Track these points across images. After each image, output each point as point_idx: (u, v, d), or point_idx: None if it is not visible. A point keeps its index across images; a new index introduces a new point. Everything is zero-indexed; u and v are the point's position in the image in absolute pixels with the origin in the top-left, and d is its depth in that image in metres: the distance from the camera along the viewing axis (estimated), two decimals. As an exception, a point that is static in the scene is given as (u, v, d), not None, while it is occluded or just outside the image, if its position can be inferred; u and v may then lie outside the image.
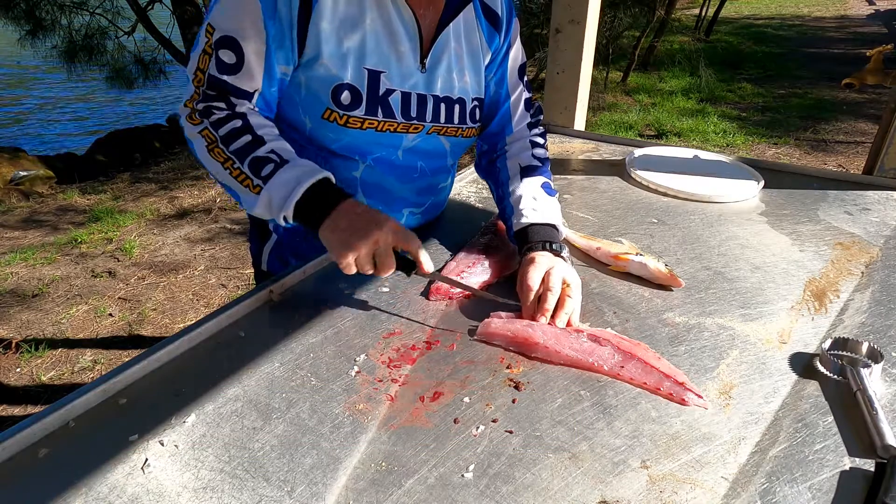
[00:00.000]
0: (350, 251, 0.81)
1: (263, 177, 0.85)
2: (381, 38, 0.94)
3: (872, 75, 7.72)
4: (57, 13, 6.20)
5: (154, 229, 3.90)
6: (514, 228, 1.02)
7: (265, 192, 0.85)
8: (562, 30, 1.83)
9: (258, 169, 0.86)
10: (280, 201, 0.84)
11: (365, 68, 0.94)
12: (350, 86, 0.93)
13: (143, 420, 0.69)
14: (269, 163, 0.86)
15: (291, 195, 0.84)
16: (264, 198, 0.85)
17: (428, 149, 1.06)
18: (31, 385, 2.45)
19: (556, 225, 1.01)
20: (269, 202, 0.85)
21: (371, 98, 0.95)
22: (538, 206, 1.02)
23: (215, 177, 0.91)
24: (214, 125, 0.89)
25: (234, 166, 0.87)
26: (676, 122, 5.78)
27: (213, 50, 0.89)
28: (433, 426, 0.69)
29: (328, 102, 0.94)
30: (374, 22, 0.93)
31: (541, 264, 0.91)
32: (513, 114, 1.13)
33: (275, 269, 1.18)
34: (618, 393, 0.75)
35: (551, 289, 0.87)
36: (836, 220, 1.24)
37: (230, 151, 0.87)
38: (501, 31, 1.08)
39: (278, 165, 0.86)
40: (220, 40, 0.88)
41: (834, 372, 0.78)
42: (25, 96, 10.33)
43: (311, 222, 0.85)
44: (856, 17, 13.82)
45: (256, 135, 0.88)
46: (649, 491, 0.61)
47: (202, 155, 0.90)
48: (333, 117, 0.95)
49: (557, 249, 0.95)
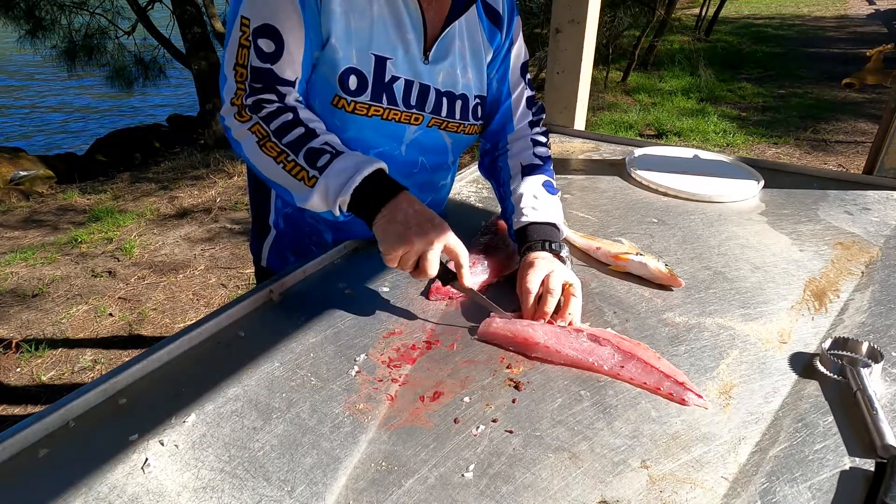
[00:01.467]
0: (403, 246, 0.81)
1: (319, 167, 0.85)
2: (388, 25, 0.95)
3: (872, 75, 7.70)
4: (57, 13, 6.20)
5: (154, 229, 3.90)
6: (515, 227, 1.02)
7: (322, 181, 0.85)
8: (562, 30, 1.83)
9: (314, 160, 0.86)
10: (337, 188, 0.84)
11: (372, 53, 0.94)
12: (357, 70, 0.94)
13: (143, 420, 0.69)
14: (324, 153, 0.86)
15: (349, 182, 0.83)
16: (320, 187, 0.85)
17: (429, 143, 1.07)
18: (31, 385, 2.45)
19: (557, 224, 1.01)
20: (325, 191, 0.85)
21: (376, 83, 0.95)
22: (538, 205, 1.02)
23: (263, 174, 0.90)
24: (265, 119, 0.88)
25: (287, 159, 0.87)
26: (676, 122, 5.78)
27: (251, 41, 0.88)
28: (433, 426, 0.69)
29: (336, 88, 0.94)
30: (381, 9, 0.94)
31: (540, 267, 0.91)
32: (514, 112, 1.13)
33: (274, 265, 1.18)
34: (618, 393, 0.75)
35: (551, 291, 0.87)
36: (836, 219, 1.24)
37: (283, 144, 0.87)
38: (503, 29, 1.08)
39: (334, 156, 0.86)
40: (258, 29, 0.88)
41: (834, 372, 0.78)
42: (25, 96, 10.33)
43: (367, 212, 0.85)
44: (856, 17, 13.82)
45: (308, 127, 0.88)
46: (649, 491, 0.61)
47: (252, 152, 0.89)
48: (342, 104, 0.95)
49: (557, 249, 0.95)
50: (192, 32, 5.88)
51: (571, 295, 0.88)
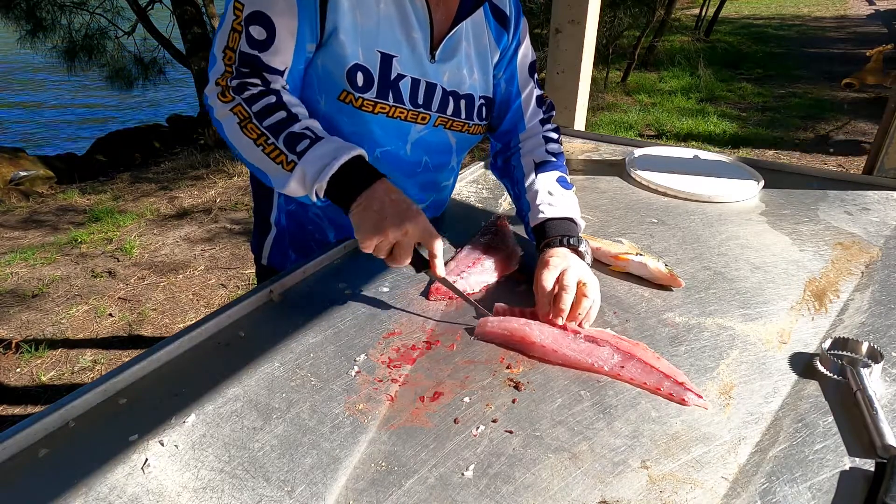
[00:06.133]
0: (377, 235, 0.82)
1: (298, 152, 0.85)
2: (394, 23, 0.95)
3: (872, 75, 7.70)
4: (57, 13, 6.21)
5: (154, 229, 3.90)
6: (532, 224, 1.01)
7: (300, 166, 0.85)
8: (562, 30, 1.83)
9: (293, 145, 0.86)
10: (314, 175, 0.84)
11: (378, 51, 0.94)
12: (363, 67, 0.94)
13: (143, 420, 0.69)
14: (304, 139, 0.86)
15: (327, 169, 0.83)
16: (298, 173, 0.85)
17: (434, 142, 1.07)
18: (31, 385, 2.45)
19: (574, 218, 1.01)
20: (303, 176, 0.85)
21: (382, 81, 0.96)
22: (554, 201, 1.02)
23: (242, 155, 0.90)
24: (248, 101, 0.88)
25: (267, 142, 0.87)
26: (676, 122, 5.78)
27: (243, 26, 0.88)
28: (433, 426, 0.69)
29: (344, 84, 0.94)
30: (388, 7, 0.94)
31: (555, 264, 0.90)
32: (524, 111, 1.14)
33: (275, 264, 1.18)
34: (618, 393, 0.75)
35: (566, 288, 0.86)
36: (836, 220, 1.24)
37: (264, 127, 0.87)
38: (510, 31, 1.09)
39: (313, 141, 0.86)
40: (251, 16, 0.88)
41: (834, 372, 0.78)
42: (26, 96, 10.33)
43: (344, 199, 0.85)
44: (856, 17, 13.82)
45: (290, 112, 0.88)
46: (649, 491, 0.61)
47: (232, 132, 0.89)
48: (349, 99, 0.95)
49: (575, 244, 0.95)
50: (192, 32, 5.89)
51: (583, 295, 0.86)
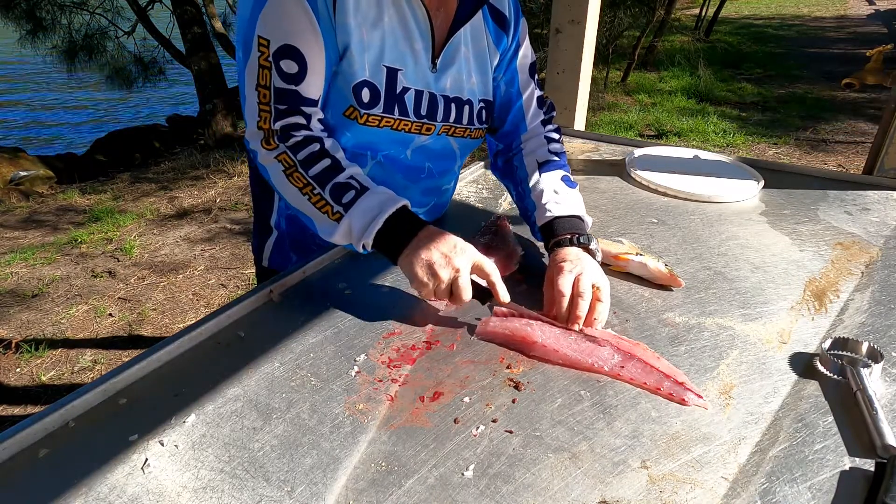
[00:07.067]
0: (431, 280, 0.83)
1: (344, 204, 0.87)
2: (398, 36, 0.95)
3: (872, 75, 7.70)
4: (57, 13, 6.21)
5: (154, 229, 3.90)
6: (539, 223, 1.01)
7: (346, 219, 0.86)
8: (562, 30, 1.83)
9: (339, 196, 0.87)
10: (361, 230, 0.86)
11: (384, 66, 0.94)
12: (369, 83, 0.94)
13: (143, 420, 0.69)
14: (350, 189, 0.87)
15: (373, 224, 0.85)
16: (344, 225, 0.87)
17: (437, 149, 1.07)
18: (31, 385, 2.45)
19: (581, 216, 1.01)
20: (349, 230, 0.87)
21: (388, 95, 0.96)
22: (560, 199, 1.01)
23: (290, 202, 0.91)
24: (293, 149, 0.89)
25: (313, 192, 0.88)
26: (676, 122, 5.78)
27: (272, 62, 0.88)
28: (433, 426, 0.69)
29: (351, 100, 0.94)
30: (392, 20, 0.94)
31: (570, 269, 0.89)
32: (526, 112, 1.13)
33: (276, 266, 1.18)
34: (618, 393, 0.75)
35: (582, 294, 0.85)
36: (836, 220, 1.24)
37: (310, 176, 0.88)
38: (509, 32, 1.08)
39: (359, 193, 0.87)
40: (280, 50, 0.87)
41: (834, 372, 0.78)
42: (26, 96, 10.33)
43: (391, 251, 0.87)
44: (856, 17, 13.82)
45: (335, 159, 0.90)
46: (649, 491, 0.61)
47: (278, 180, 0.91)
48: (354, 115, 0.95)
49: (586, 242, 0.95)
50: (192, 32, 5.89)
51: (598, 300, 0.86)
